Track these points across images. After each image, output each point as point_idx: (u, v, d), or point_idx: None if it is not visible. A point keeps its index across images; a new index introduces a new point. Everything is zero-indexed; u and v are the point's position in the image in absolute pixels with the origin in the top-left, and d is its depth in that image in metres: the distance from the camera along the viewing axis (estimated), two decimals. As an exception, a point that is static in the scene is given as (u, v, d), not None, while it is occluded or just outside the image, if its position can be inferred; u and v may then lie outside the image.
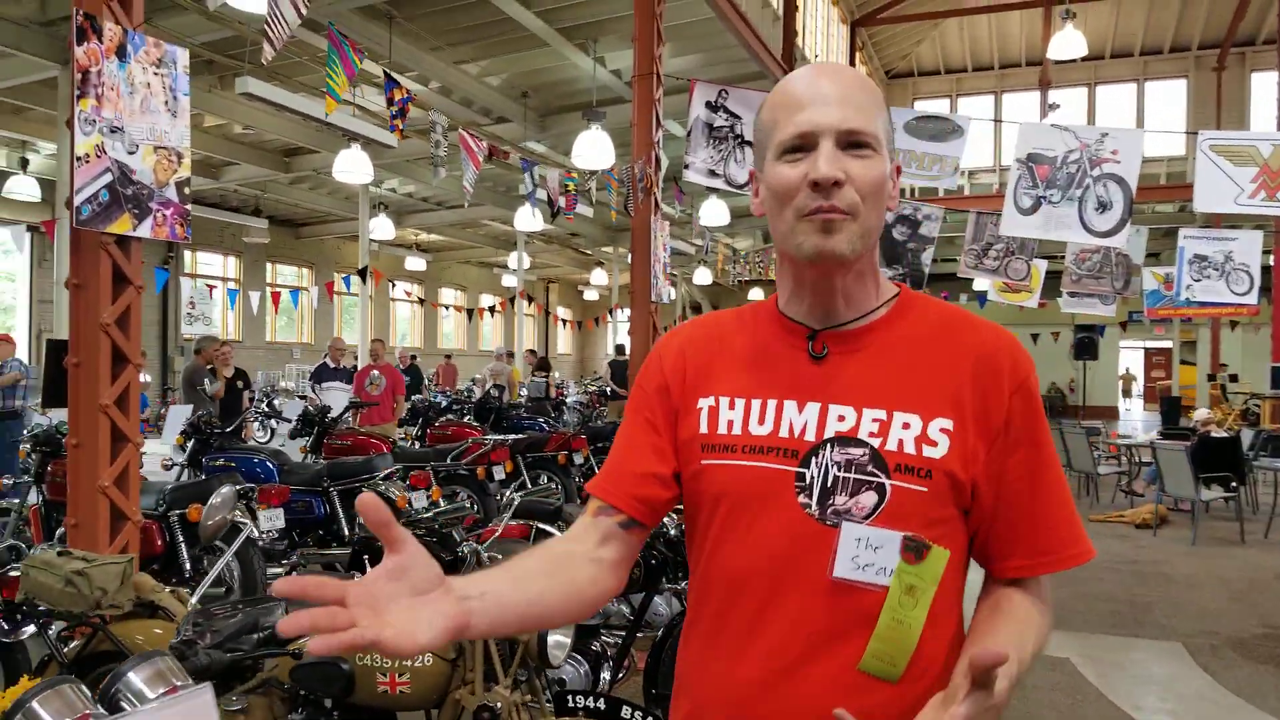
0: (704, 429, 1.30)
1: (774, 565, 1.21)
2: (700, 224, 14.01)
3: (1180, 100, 22.03)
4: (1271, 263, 14.86)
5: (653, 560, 3.80)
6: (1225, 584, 7.44)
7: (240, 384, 9.98)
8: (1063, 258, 11.47)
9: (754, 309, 1.38)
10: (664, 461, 1.32)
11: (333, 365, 11.63)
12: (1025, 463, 1.22)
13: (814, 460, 1.21)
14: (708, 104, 8.35)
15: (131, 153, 3.40)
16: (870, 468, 1.19)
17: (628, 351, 16.46)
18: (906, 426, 1.19)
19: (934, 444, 1.18)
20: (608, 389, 15.87)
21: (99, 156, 3.27)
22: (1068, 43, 15.12)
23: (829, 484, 1.20)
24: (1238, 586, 7.36)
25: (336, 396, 10.53)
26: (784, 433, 1.24)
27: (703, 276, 22.17)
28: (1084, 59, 19.15)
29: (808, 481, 1.21)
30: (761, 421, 1.26)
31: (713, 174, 8.39)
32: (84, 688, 2.03)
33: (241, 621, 2.63)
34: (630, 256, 7.90)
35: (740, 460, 1.25)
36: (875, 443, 1.19)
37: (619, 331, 24.84)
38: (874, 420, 1.21)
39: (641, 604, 3.96)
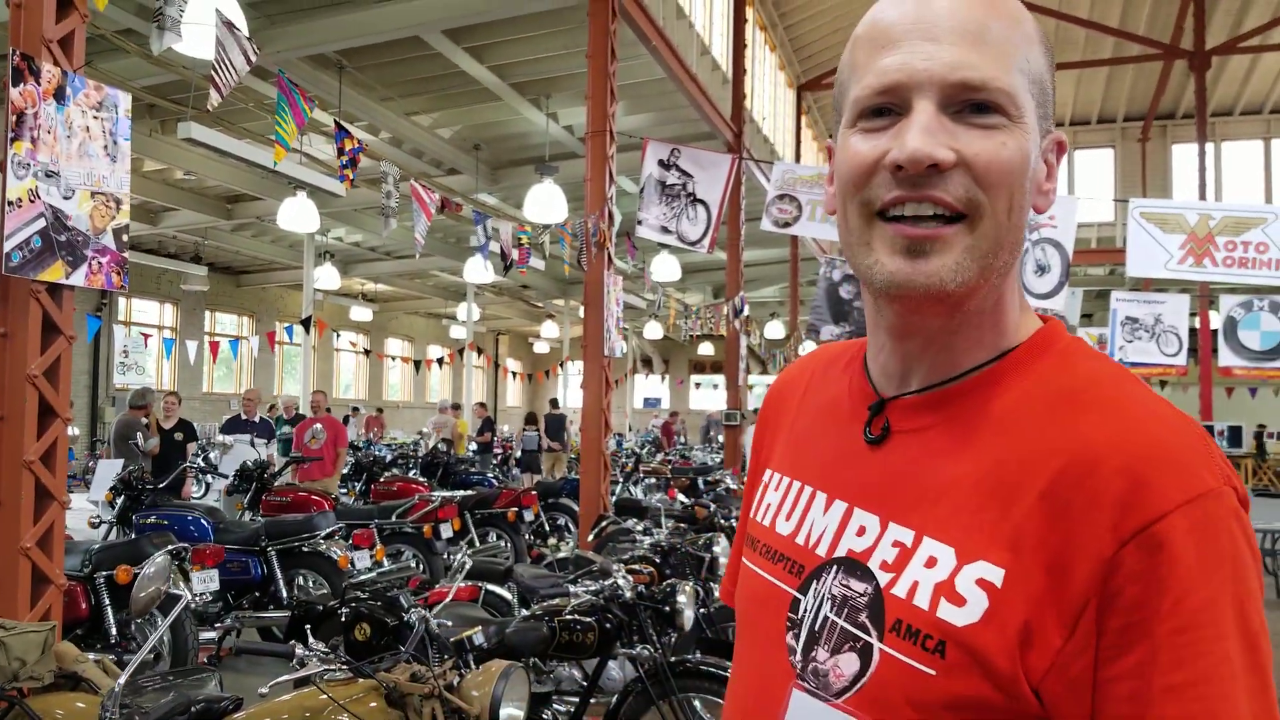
0: (752, 511, 0.97)
1: None
2: (652, 279, 14.06)
3: (1109, 169, 23.02)
4: (1197, 325, 15.47)
5: (607, 624, 3.64)
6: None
7: (180, 436, 9.62)
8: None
9: (863, 347, 0.95)
10: None
11: (244, 417, 11.26)
12: (1137, 676, 0.66)
13: (813, 586, 0.83)
14: (660, 162, 8.42)
15: (67, 198, 3.25)
16: (863, 617, 0.77)
17: (561, 405, 16.44)
18: (932, 564, 0.75)
19: (960, 601, 0.72)
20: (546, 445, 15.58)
21: (32, 201, 3.12)
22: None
23: (817, 627, 0.81)
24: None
25: (243, 451, 10.17)
26: (801, 538, 0.87)
27: (654, 331, 22.24)
28: (1018, 127, 19.83)
29: (800, 615, 0.83)
30: (789, 516, 0.90)
31: (665, 230, 8.43)
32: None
33: (173, 702, 2.45)
34: (583, 310, 7.86)
35: (755, 565, 0.92)
36: (884, 578, 0.77)
37: (570, 384, 24.74)
38: (894, 544, 0.78)
39: (595, 670, 3.81)
